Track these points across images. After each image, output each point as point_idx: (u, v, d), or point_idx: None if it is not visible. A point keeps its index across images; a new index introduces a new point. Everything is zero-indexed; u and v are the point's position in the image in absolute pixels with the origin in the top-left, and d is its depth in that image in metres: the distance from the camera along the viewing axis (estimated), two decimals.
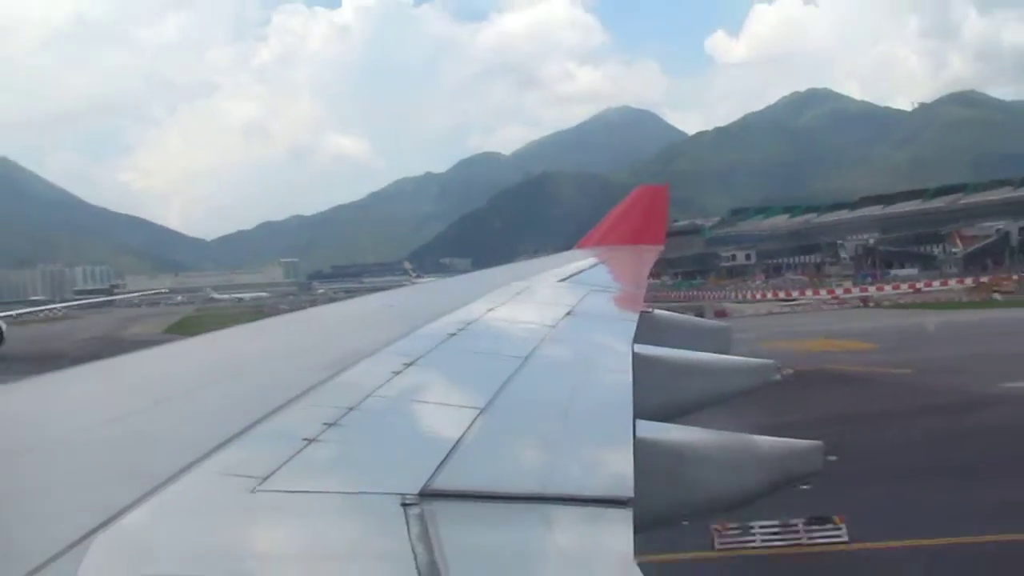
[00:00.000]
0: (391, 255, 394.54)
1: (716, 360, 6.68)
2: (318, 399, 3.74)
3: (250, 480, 2.75)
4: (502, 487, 3.00)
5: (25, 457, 3.11)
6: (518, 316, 7.05)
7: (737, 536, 17.81)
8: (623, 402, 4.15)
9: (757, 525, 17.96)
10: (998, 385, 34.40)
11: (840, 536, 17.57)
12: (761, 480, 4.18)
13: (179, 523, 2.51)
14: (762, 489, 4.18)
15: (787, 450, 4.31)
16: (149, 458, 2.87)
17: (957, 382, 36.78)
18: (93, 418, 3.81)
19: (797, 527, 17.87)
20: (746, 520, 17.84)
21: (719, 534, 17.72)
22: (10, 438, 3.37)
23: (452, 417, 3.70)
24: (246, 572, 2.20)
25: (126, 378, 5.01)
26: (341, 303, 14.41)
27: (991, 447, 25.37)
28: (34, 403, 4.20)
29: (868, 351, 51.28)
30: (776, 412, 31.99)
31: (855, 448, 24.16)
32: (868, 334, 59.85)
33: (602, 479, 3.11)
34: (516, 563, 2.59)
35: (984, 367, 39.88)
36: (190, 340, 7.46)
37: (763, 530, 17.86)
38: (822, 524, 17.76)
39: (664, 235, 14.81)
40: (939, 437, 27.42)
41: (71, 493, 2.68)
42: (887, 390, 37.52)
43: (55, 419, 3.80)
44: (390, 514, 2.59)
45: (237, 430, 3.21)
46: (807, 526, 17.87)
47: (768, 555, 17.40)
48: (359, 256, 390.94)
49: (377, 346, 5.00)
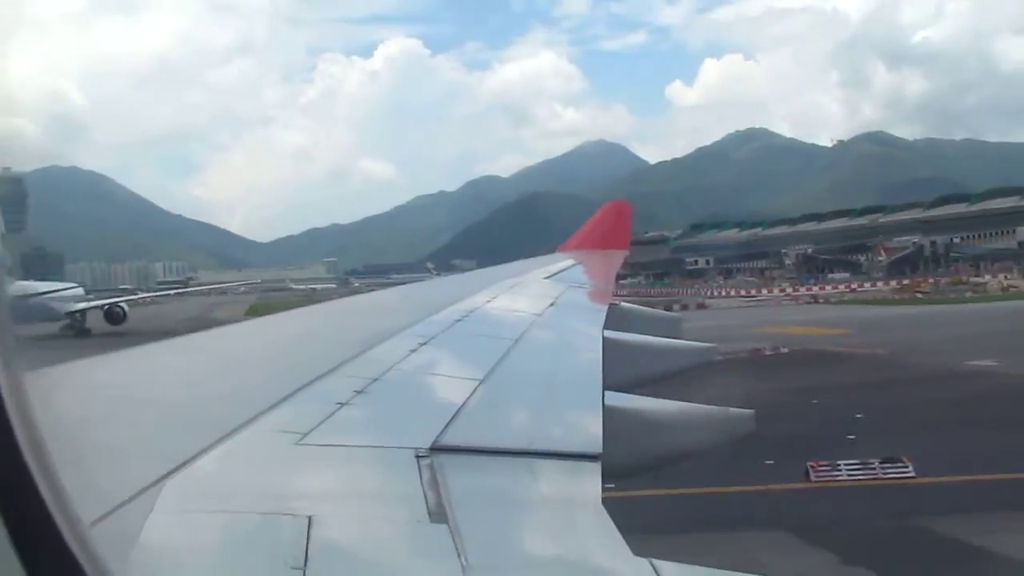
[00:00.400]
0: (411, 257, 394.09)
1: (669, 344, 6.67)
2: (349, 371, 3.74)
3: (295, 435, 2.77)
4: (496, 443, 3.02)
5: (117, 414, 3.12)
6: (511, 306, 7.01)
7: (828, 471, 17.85)
8: (594, 376, 4.16)
9: (843, 463, 18.09)
10: (964, 363, 34.00)
11: (908, 472, 17.65)
12: (704, 440, 4.16)
13: (237, 468, 2.52)
14: (704, 447, 4.17)
15: (725, 416, 4.29)
16: (215, 416, 2.88)
17: (930, 360, 36.34)
18: (173, 383, 3.82)
19: (874, 465, 17.98)
20: (834, 460, 18.12)
21: (814, 470, 17.81)
22: (106, 398, 3.38)
23: (457, 387, 3.71)
24: (291, 508, 2.21)
25: (199, 352, 5.01)
26: (371, 294, 14.38)
27: (982, 406, 25.48)
28: (125, 371, 4.20)
29: (843, 335, 49.70)
30: (807, 378, 32.68)
31: (880, 409, 24.55)
32: (834, 322, 58.43)
33: (577, 438, 3.11)
34: (507, 505, 2.59)
35: (945, 348, 39.38)
36: (249, 322, 7.46)
37: (848, 467, 17.94)
38: (893, 463, 17.87)
39: (629, 242, 14.71)
40: (938, 400, 27.06)
41: (154, 443, 2.69)
42: (875, 364, 36.97)
43: (143, 384, 3.80)
44: (406, 464, 2.62)
45: (285, 395, 3.23)
46: (881, 464, 17.98)
47: (851, 486, 17.44)
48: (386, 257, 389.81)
49: (397, 329, 4.99)
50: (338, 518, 2.22)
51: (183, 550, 2.04)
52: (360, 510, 2.41)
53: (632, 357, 5.49)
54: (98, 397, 3.47)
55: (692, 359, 6.63)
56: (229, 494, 2.34)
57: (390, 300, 9.40)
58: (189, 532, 2.10)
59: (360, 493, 2.57)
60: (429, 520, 2.23)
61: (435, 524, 2.21)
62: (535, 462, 2.86)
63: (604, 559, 2.19)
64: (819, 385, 31.15)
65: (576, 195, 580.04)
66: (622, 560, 2.13)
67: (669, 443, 3.98)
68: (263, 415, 2.96)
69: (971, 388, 29.15)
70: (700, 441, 4.16)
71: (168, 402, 3.42)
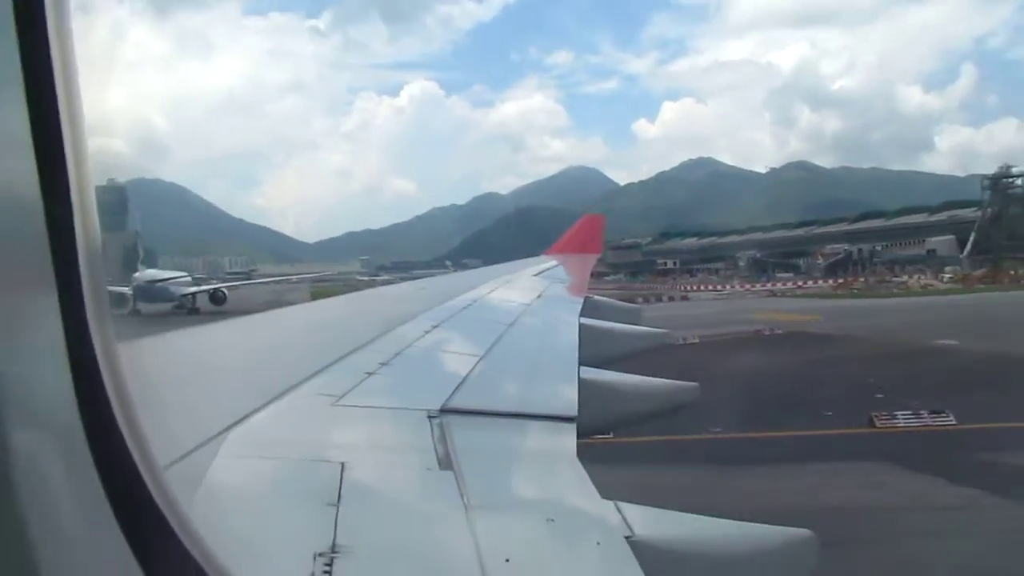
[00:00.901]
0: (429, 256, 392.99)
1: (631, 330, 6.64)
2: (376, 347, 3.74)
3: (331, 398, 2.77)
4: (493, 407, 3.02)
5: (188, 378, 3.13)
6: (506, 297, 6.99)
7: (888, 420, 18.01)
8: (572, 355, 4.17)
9: (899, 414, 18.29)
10: (933, 341, 32.49)
11: (951, 421, 17.86)
12: (655, 407, 4.14)
13: (284, 424, 2.52)
14: (655, 413, 4.14)
15: (674, 388, 4.28)
16: (267, 382, 2.88)
17: (904, 338, 34.44)
18: (238, 355, 3.84)
19: (924, 415, 18.21)
20: (893, 411, 18.42)
21: (878, 419, 18.02)
22: (186, 365, 3.39)
23: (462, 361, 3.71)
24: (328, 456, 2.21)
25: (259, 330, 5.02)
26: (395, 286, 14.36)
27: (968, 373, 24.83)
28: (203, 344, 4.21)
29: (818, 321, 46.14)
30: (813, 353, 31.82)
31: (887, 375, 23.90)
32: (802, 311, 53.97)
33: (557, 404, 3.10)
34: (501, 456, 2.60)
35: (907, 331, 37.24)
36: (299, 306, 7.45)
37: (904, 416, 18.13)
38: (939, 413, 18.16)
39: (601, 247, 14.65)
40: (931, 367, 26.48)
41: (218, 402, 2.70)
42: (860, 342, 34.65)
43: (216, 354, 3.82)
44: (420, 422, 2.62)
45: (324, 365, 3.22)
46: (930, 414, 18.19)
47: (909, 432, 17.52)
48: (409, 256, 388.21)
49: (415, 314, 4.98)
50: (365, 464, 2.22)
51: (241, 488, 2.05)
52: (383, 458, 2.41)
53: (602, 339, 5.48)
54: (180, 364, 3.48)
55: (650, 342, 6.60)
56: (278, 444, 2.34)
57: (410, 291, 9.39)
58: (246, 474, 2.10)
59: (383, 445, 2.57)
60: (438, 468, 2.23)
61: (443, 471, 2.21)
62: (524, 422, 2.87)
63: (577, 501, 2.18)
64: (826, 358, 30.21)
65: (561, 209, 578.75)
66: (592, 502, 2.13)
67: (630, 409, 3.97)
68: (306, 381, 2.95)
69: (948, 360, 28.46)
70: (654, 407, 4.14)
71: (234, 369, 3.44)
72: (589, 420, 3.06)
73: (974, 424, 18.10)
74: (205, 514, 1.70)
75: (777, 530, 2.27)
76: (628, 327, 6.71)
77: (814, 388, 23.06)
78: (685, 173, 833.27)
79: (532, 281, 8.73)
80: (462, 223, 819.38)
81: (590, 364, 4.07)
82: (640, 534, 1.93)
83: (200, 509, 1.73)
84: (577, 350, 4.28)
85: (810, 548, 2.23)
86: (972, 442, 16.81)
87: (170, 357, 3.72)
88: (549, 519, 2.04)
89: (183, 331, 4.56)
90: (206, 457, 2.07)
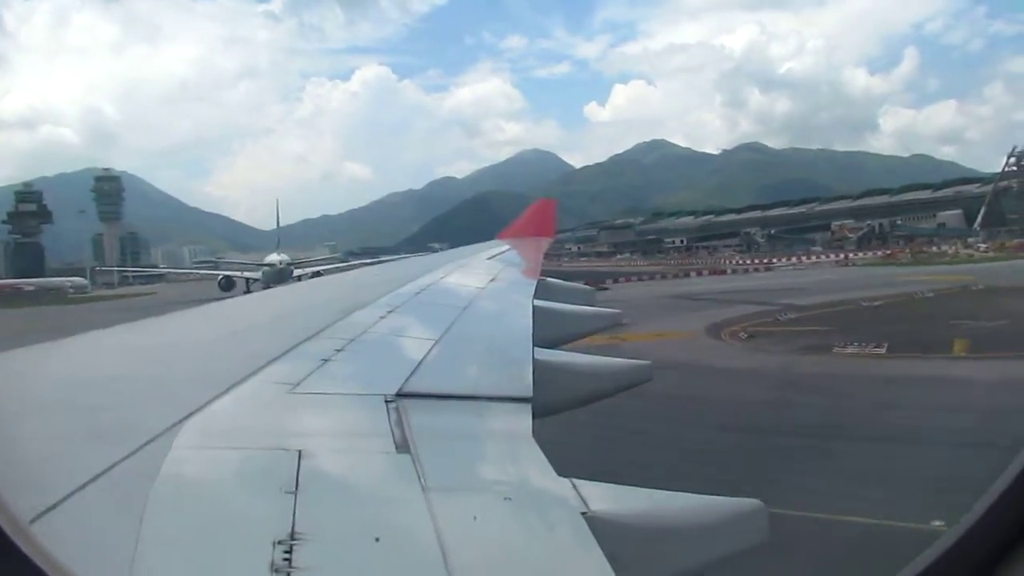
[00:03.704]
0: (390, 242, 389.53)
1: (584, 311, 6.64)
2: (331, 333, 3.70)
3: (288, 385, 2.75)
4: (449, 390, 3.01)
5: (141, 368, 3.08)
6: (460, 281, 6.93)
7: None
8: (526, 336, 4.16)
9: None
10: None
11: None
12: (609, 386, 4.15)
13: (242, 412, 2.50)
14: (610, 391, 4.15)
15: (627, 367, 4.29)
16: (225, 370, 2.84)
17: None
18: (194, 343, 3.79)
19: None
20: None
21: None
22: (130, 356, 3.33)
23: (417, 345, 3.69)
24: (285, 444, 2.20)
25: (216, 318, 4.95)
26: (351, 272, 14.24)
27: None
28: (150, 334, 4.14)
29: (975, 281, 46.48)
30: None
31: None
32: (930, 274, 53.90)
33: (512, 385, 3.10)
34: (458, 438, 2.60)
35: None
36: (255, 294, 7.34)
37: None
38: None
39: (553, 230, 14.60)
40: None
41: (173, 392, 2.66)
42: None
43: (172, 344, 3.76)
44: (376, 407, 2.61)
45: (280, 352, 3.20)
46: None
47: None
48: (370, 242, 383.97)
49: (371, 300, 4.93)
50: (323, 451, 2.21)
51: (197, 479, 2.03)
52: (340, 444, 2.40)
53: (555, 321, 5.47)
54: (132, 355, 3.43)
55: (604, 323, 6.64)
56: (234, 433, 2.32)
57: (366, 277, 9.31)
58: (202, 465, 2.08)
59: (340, 431, 2.56)
60: (396, 451, 2.23)
61: (400, 454, 2.20)
62: (479, 404, 2.87)
63: (534, 479, 2.20)
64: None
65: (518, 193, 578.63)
66: (548, 480, 2.16)
67: (585, 388, 3.98)
68: (263, 369, 2.93)
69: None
70: (609, 386, 4.17)
71: (189, 358, 3.39)
72: (544, 400, 3.07)
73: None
74: (161, 506, 1.71)
75: (728, 501, 2.33)
76: (581, 308, 6.72)
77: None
78: (639, 155, 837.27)
79: (486, 265, 8.71)
80: (420, 209, 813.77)
81: (545, 345, 4.08)
82: (595, 509, 1.96)
83: (156, 501, 1.73)
84: (531, 332, 4.28)
85: (760, 517, 2.28)
86: None
87: (121, 348, 3.66)
88: (506, 498, 2.06)
89: (138, 322, 4.48)
90: (160, 449, 2.05)
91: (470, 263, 8.70)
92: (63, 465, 1.92)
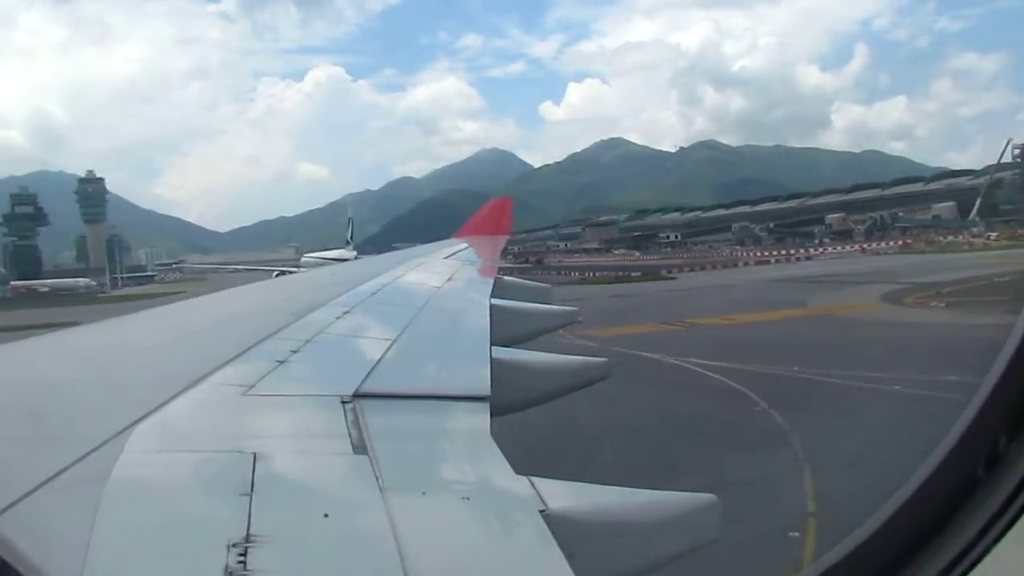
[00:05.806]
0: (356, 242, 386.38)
1: (540, 309, 6.66)
2: (287, 335, 3.68)
3: (242, 387, 2.73)
4: (406, 390, 3.01)
5: (91, 372, 3.03)
6: (417, 280, 6.92)
7: None
8: (483, 335, 4.17)
9: None
10: None
11: None
12: (569, 383, 4.15)
13: (196, 414, 2.47)
14: (569, 388, 4.14)
15: (585, 364, 4.31)
16: (179, 373, 2.80)
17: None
18: (147, 345, 3.72)
19: None
20: None
21: None
22: (85, 357, 3.27)
23: (374, 346, 3.68)
24: (240, 446, 2.17)
25: (170, 319, 4.87)
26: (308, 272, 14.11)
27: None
28: (104, 336, 4.07)
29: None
30: None
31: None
32: (960, 267, 50.71)
33: (470, 384, 3.10)
34: (415, 438, 2.60)
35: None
36: (212, 295, 7.21)
37: None
38: None
39: (509, 228, 14.58)
40: None
41: (125, 394, 2.62)
42: None
43: (124, 346, 3.70)
44: (333, 408, 2.60)
45: (234, 354, 3.16)
46: None
47: None
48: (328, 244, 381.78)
49: (327, 300, 4.90)
50: (278, 453, 2.19)
51: (150, 483, 2.00)
52: (296, 446, 2.38)
53: (513, 319, 5.48)
54: (85, 358, 3.36)
55: (556, 321, 6.66)
56: (188, 436, 2.30)
57: (323, 277, 9.24)
58: (154, 468, 2.06)
59: (296, 433, 2.54)
60: (352, 452, 2.22)
61: (357, 455, 2.20)
62: (437, 404, 2.88)
63: (492, 478, 2.21)
64: None
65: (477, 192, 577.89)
66: (506, 478, 2.16)
67: (542, 386, 3.99)
68: (216, 371, 2.90)
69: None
70: (566, 384, 4.17)
71: (142, 361, 3.34)
72: (502, 399, 3.08)
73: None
74: (113, 510, 1.69)
75: (683, 496, 2.36)
76: (539, 306, 6.75)
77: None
78: (597, 154, 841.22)
79: (442, 264, 8.69)
80: (378, 209, 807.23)
81: (503, 344, 4.09)
82: (553, 507, 1.98)
83: (107, 505, 1.71)
84: (489, 330, 4.29)
85: (714, 512, 2.31)
86: None
87: (74, 349, 3.59)
88: (465, 497, 2.07)
89: (93, 323, 4.42)
90: (112, 452, 2.02)
91: (427, 262, 8.69)
92: (13, 469, 1.89)
